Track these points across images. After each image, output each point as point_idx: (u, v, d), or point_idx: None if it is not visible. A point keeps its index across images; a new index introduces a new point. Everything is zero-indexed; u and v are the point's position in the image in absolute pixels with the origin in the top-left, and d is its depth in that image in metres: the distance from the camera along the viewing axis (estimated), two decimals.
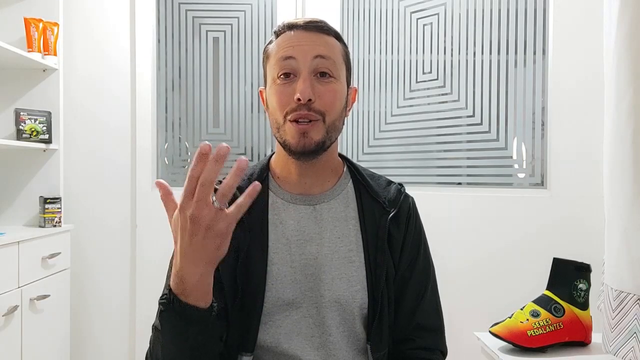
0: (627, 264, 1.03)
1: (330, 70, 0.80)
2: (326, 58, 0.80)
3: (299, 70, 0.79)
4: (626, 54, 1.05)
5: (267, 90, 0.85)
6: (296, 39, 0.81)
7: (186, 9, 2.31)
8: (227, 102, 2.33)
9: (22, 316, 1.76)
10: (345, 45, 0.87)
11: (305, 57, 0.79)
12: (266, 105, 0.87)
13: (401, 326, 0.85)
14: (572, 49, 1.73)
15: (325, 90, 0.80)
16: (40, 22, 2.02)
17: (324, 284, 0.80)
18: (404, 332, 0.85)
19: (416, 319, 0.85)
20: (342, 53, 0.85)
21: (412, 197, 0.92)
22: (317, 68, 0.80)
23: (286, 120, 0.80)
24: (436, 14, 2.03)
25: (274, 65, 0.82)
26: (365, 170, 0.92)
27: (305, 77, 0.78)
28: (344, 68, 0.85)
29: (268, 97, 0.85)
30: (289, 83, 0.80)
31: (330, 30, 0.84)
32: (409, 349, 0.85)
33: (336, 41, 0.84)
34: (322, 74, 0.80)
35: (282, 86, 0.80)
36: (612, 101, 1.10)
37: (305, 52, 0.79)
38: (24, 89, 2.09)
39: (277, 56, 0.81)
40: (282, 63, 0.80)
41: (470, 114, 1.95)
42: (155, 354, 0.70)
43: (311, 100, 0.78)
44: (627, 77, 1.04)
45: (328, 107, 0.79)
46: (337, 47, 0.84)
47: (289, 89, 0.79)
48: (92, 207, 2.25)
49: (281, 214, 0.84)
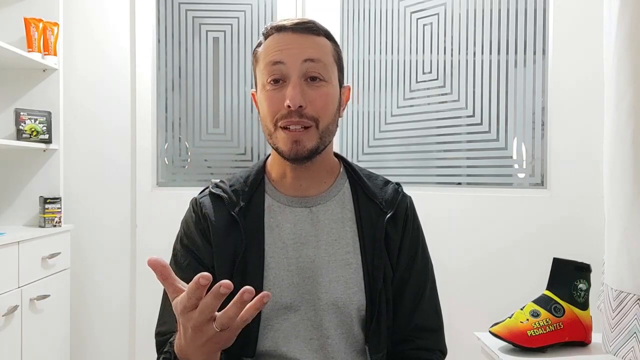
0: (627, 264, 1.03)
1: (321, 73, 0.79)
2: (316, 61, 0.78)
3: (288, 75, 0.78)
4: (626, 54, 1.05)
5: (258, 96, 0.84)
6: (284, 42, 0.79)
7: (186, 9, 2.31)
8: (227, 102, 2.33)
9: (22, 316, 1.76)
10: (336, 44, 0.85)
11: (294, 61, 0.77)
12: (258, 108, 0.85)
13: (400, 327, 0.85)
14: (572, 49, 1.73)
15: (316, 95, 0.78)
16: (40, 22, 2.02)
17: (321, 286, 0.79)
18: (403, 332, 0.85)
19: (415, 319, 0.85)
20: (333, 53, 0.83)
21: (409, 197, 0.91)
22: (307, 72, 0.78)
23: (277, 127, 0.78)
24: (436, 14, 2.03)
25: (263, 70, 0.80)
26: (362, 170, 0.91)
27: (295, 83, 0.77)
28: (335, 68, 0.83)
29: (259, 102, 0.84)
30: (279, 89, 0.78)
31: (319, 30, 0.82)
32: (408, 350, 0.85)
33: (326, 41, 0.83)
34: (313, 79, 0.78)
35: (271, 92, 0.79)
36: (612, 101, 1.10)
37: (294, 55, 0.77)
38: (24, 89, 2.09)
39: (265, 60, 0.80)
40: (271, 68, 0.78)
41: (470, 114, 1.95)
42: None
43: (302, 106, 0.76)
44: (627, 77, 1.04)
45: (321, 113, 0.78)
46: (327, 47, 0.82)
47: (279, 95, 0.77)
48: (92, 207, 2.25)
49: (277, 217, 0.83)
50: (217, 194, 0.84)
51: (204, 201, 0.84)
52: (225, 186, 0.86)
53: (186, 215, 0.86)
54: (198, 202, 0.85)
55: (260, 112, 0.83)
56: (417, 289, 0.86)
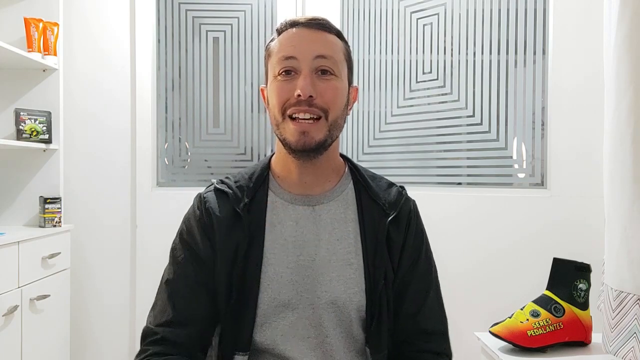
0: (627, 264, 1.03)
1: (332, 68, 0.80)
2: (327, 58, 0.79)
3: (299, 69, 0.79)
4: (626, 54, 1.05)
5: (268, 87, 0.84)
6: (297, 38, 0.80)
7: (186, 9, 2.31)
8: (227, 102, 2.33)
9: (22, 316, 1.76)
10: (347, 44, 0.87)
11: (306, 56, 0.79)
12: (267, 103, 0.86)
13: (403, 329, 0.84)
14: (572, 49, 1.73)
15: (326, 87, 0.79)
16: (40, 22, 2.02)
17: (321, 285, 0.79)
18: (406, 334, 0.85)
19: (419, 322, 0.84)
20: (344, 51, 0.84)
21: (413, 201, 0.91)
22: (318, 67, 0.79)
23: (285, 117, 0.79)
24: (436, 14, 2.03)
25: (275, 63, 0.81)
26: (366, 171, 0.91)
27: (306, 75, 0.78)
28: (345, 67, 0.84)
29: (268, 93, 0.84)
30: (290, 80, 0.79)
31: (332, 28, 0.83)
32: (413, 352, 0.84)
33: (338, 39, 0.84)
34: (324, 72, 0.79)
35: (282, 82, 0.80)
36: (612, 101, 1.10)
37: (307, 51, 0.79)
38: (24, 89, 2.09)
39: (278, 55, 0.81)
40: (284, 62, 0.79)
41: (470, 114, 1.95)
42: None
43: (312, 96, 0.77)
44: (627, 77, 1.04)
45: (330, 104, 0.79)
46: (338, 45, 0.83)
47: (290, 85, 0.78)
48: (92, 207, 2.25)
49: (280, 215, 0.83)
50: (222, 190, 0.84)
51: (208, 196, 0.84)
52: (231, 182, 0.86)
53: (189, 211, 0.87)
54: (202, 198, 0.85)
55: (269, 103, 0.84)
56: (420, 291, 0.86)
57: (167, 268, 0.84)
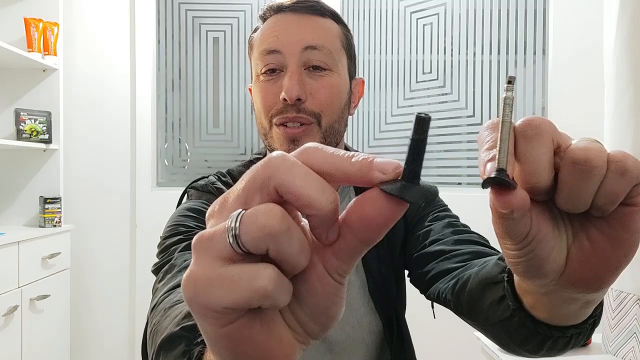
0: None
1: (325, 62, 0.67)
2: (319, 48, 0.66)
3: (285, 65, 0.66)
4: (626, 54, 1.05)
5: (252, 89, 0.72)
6: (282, 26, 0.67)
7: (186, 9, 2.31)
8: (227, 102, 2.33)
9: (22, 316, 1.76)
10: (345, 27, 0.72)
11: (293, 49, 0.65)
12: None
13: (442, 253, 0.69)
14: (572, 49, 1.73)
15: (318, 86, 0.66)
16: (40, 22, 2.02)
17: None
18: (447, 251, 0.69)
19: (455, 236, 0.71)
20: (341, 37, 0.70)
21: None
22: (307, 61, 0.66)
23: (272, 124, 0.67)
24: (436, 14, 2.03)
25: (257, 59, 0.69)
26: None
27: (293, 72, 0.65)
28: (344, 56, 0.71)
29: (253, 96, 0.72)
30: (274, 79, 0.67)
31: (325, 10, 0.69)
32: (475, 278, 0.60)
33: (333, 23, 0.70)
34: (315, 67, 0.66)
35: (266, 83, 0.67)
36: (612, 101, 1.10)
37: (293, 43, 0.65)
38: (24, 89, 2.09)
39: (259, 49, 0.68)
40: (266, 58, 0.67)
41: (470, 114, 1.95)
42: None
43: (301, 99, 0.65)
44: (627, 77, 1.04)
45: (323, 107, 0.66)
46: (333, 30, 0.69)
47: (274, 87, 0.66)
48: (92, 207, 2.25)
49: None
50: (223, 190, 0.77)
51: (220, 185, 0.76)
52: (231, 182, 0.80)
53: (187, 203, 0.77)
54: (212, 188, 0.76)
55: (255, 108, 0.72)
56: (445, 222, 0.74)
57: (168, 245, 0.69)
